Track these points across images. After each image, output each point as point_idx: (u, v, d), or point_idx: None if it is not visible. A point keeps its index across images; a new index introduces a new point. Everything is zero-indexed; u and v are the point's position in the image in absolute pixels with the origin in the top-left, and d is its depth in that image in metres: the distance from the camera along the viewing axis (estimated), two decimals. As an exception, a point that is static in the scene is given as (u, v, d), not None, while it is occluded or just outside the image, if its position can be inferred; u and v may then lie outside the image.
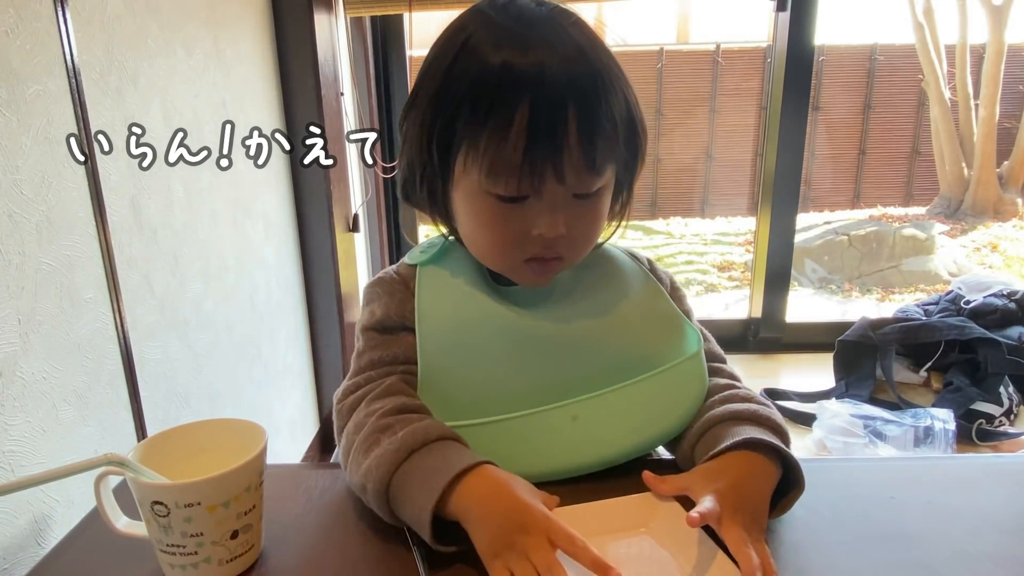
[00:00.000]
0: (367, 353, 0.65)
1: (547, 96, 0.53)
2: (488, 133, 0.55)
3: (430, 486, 0.52)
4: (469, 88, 0.55)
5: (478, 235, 0.62)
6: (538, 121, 0.53)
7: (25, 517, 0.83)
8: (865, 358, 2.09)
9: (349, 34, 2.01)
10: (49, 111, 0.89)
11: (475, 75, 0.55)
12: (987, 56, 5.85)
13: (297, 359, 1.84)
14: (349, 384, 0.64)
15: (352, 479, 0.59)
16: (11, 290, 0.81)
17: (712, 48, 6.55)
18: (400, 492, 0.54)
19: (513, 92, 0.53)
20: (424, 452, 0.55)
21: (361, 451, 0.57)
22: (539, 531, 0.49)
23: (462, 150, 0.57)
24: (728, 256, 5.63)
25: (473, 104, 0.55)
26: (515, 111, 0.53)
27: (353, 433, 0.60)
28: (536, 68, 0.53)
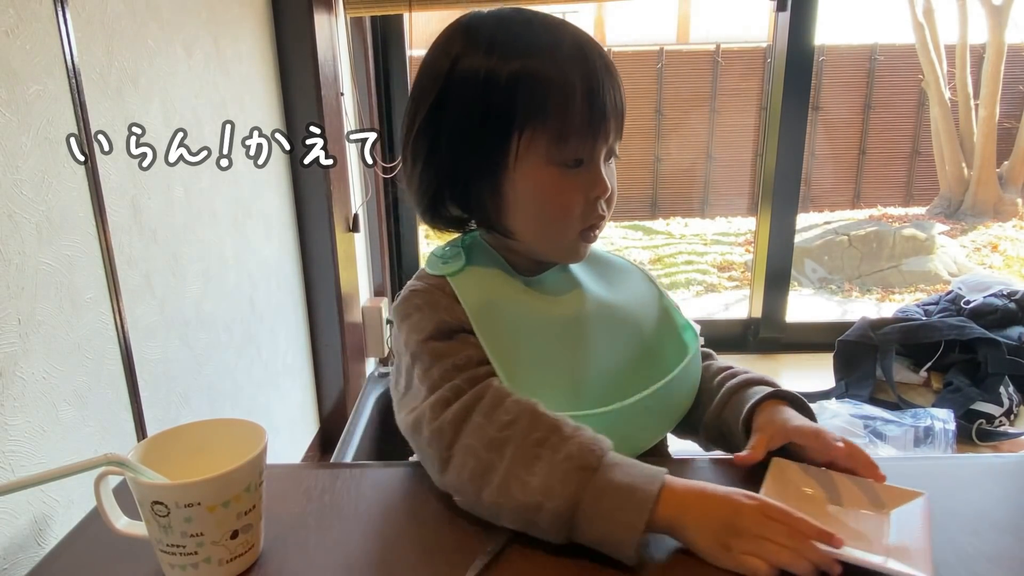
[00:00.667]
0: (437, 364, 0.62)
1: (592, 65, 0.61)
2: (553, 105, 0.60)
3: (634, 503, 0.52)
4: (522, 71, 0.60)
5: (544, 211, 0.65)
6: (592, 87, 0.61)
7: (25, 517, 0.83)
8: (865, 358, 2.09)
9: (349, 34, 2.01)
10: (49, 111, 0.89)
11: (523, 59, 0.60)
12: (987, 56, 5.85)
13: (297, 359, 1.84)
14: (436, 399, 0.60)
15: (504, 500, 0.55)
16: (11, 290, 0.81)
17: (712, 48, 6.55)
18: (593, 510, 0.52)
19: (568, 64, 0.60)
20: (605, 468, 0.54)
21: (522, 468, 0.54)
22: (755, 513, 0.52)
23: (525, 130, 0.61)
24: (728, 256, 5.63)
25: (532, 81, 0.60)
26: (575, 81, 0.60)
27: (487, 451, 0.56)
28: (576, 42, 0.62)
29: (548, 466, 0.54)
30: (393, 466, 0.71)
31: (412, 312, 0.65)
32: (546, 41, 0.61)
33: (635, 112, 6.64)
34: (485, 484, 0.55)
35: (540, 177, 0.63)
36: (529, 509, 0.54)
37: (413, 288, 0.67)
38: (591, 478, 0.53)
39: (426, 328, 0.63)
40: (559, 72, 0.60)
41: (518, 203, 0.64)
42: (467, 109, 0.62)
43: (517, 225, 0.66)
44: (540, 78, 0.60)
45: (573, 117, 0.61)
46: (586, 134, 0.62)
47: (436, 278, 0.67)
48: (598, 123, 0.62)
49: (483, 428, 0.57)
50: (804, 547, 0.50)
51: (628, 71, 6.59)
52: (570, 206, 0.64)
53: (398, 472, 0.69)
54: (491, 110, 0.61)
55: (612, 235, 6.41)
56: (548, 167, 0.63)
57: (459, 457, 0.57)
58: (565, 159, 0.62)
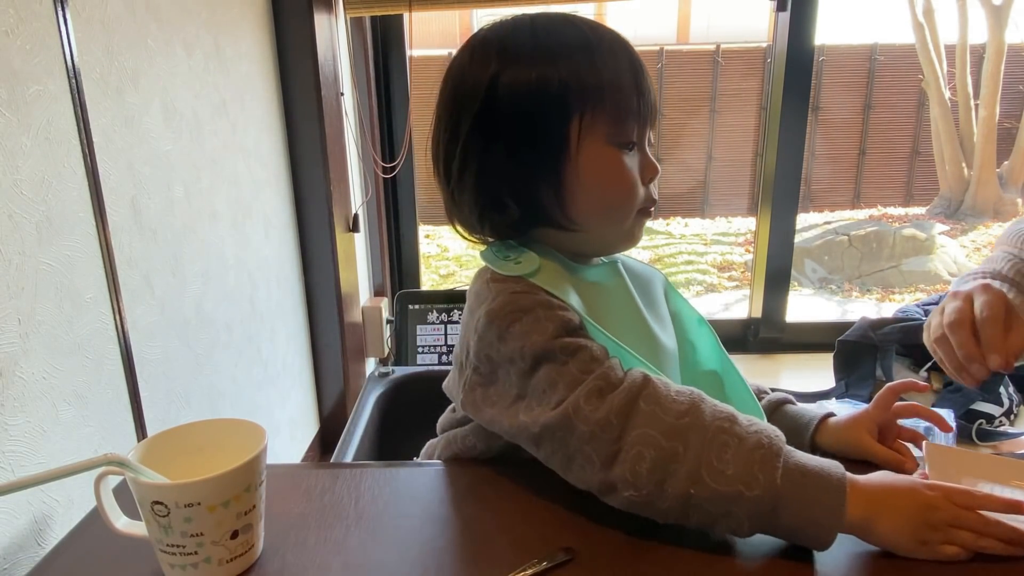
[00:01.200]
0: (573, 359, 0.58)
1: (633, 55, 0.66)
2: (608, 90, 0.63)
3: (832, 489, 0.52)
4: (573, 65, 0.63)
5: (609, 192, 0.67)
6: (640, 76, 0.65)
7: (25, 517, 0.83)
8: (865, 358, 2.09)
9: (349, 34, 2.01)
10: (49, 111, 0.89)
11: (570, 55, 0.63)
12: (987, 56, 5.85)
13: (297, 359, 1.84)
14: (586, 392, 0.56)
15: (698, 489, 0.52)
16: (11, 290, 0.81)
17: (712, 48, 6.55)
18: (796, 497, 0.52)
19: (616, 52, 0.65)
20: (789, 455, 0.54)
21: (714, 456, 0.53)
22: (944, 503, 0.53)
23: (583, 115, 0.63)
24: (728, 256, 5.64)
25: (588, 68, 0.63)
26: (624, 67, 0.64)
27: (668, 439, 0.53)
28: (612, 35, 0.66)
29: (739, 454, 0.52)
30: (393, 466, 0.71)
31: (521, 315, 0.61)
32: (590, 37, 0.65)
33: (635, 112, 6.63)
34: (669, 475, 0.53)
35: (603, 158, 0.65)
36: (727, 499, 0.52)
37: (514, 291, 0.62)
38: (784, 465, 0.53)
39: (547, 328, 0.60)
40: (609, 61, 0.64)
41: (583, 189, 0.66)
42: (521, 113, 0.64)
43: (582, 213, 0.66)
44: (593, 71, 0.63)
45: (627, 101, 0.64)
46: (639, 118, 0.66)
47: (520, 280, 0.63)
48: (647, 107, 0.66)
49: (657, 416, 0.54)
50: (993, 529, 0.53)
51: (628, 71, 6.58)
52: (634, 185, 0.67)
53: (398, 472, 0.69)
54: (547, 109, 0.63)
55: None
56: (608, 148, 0.65)
57: (634, 448, 0.54)
58: (622, 140, 0.65)
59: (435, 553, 0.56)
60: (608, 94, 0.64)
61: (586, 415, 0.55)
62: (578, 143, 0.64)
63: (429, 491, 0.64)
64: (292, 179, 1.81)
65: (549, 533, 0.57)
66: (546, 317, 0.60)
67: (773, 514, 0.52)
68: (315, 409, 1.99)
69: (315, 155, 1.80)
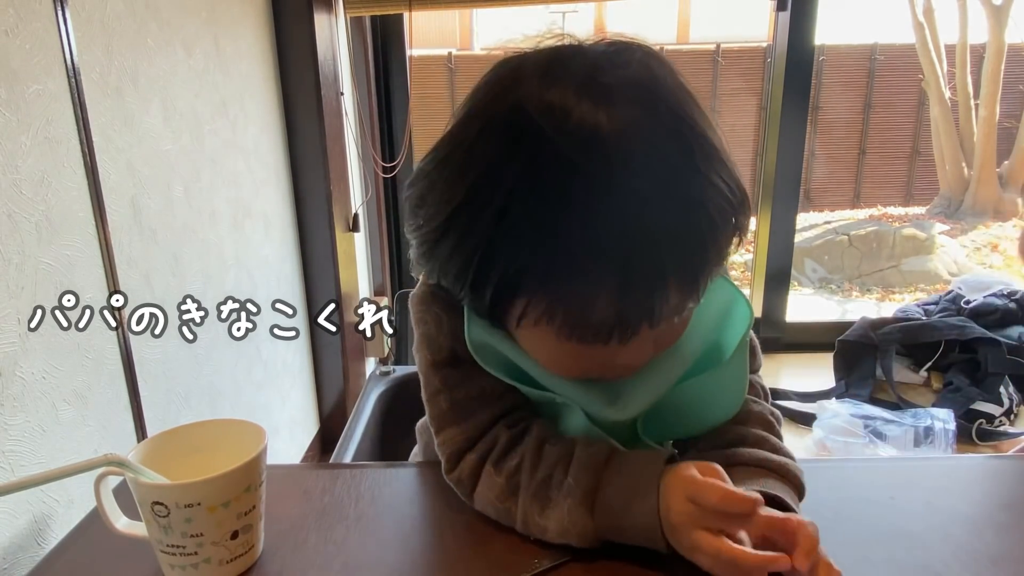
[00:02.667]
0: (447, 393, 0.59)
1: (641, 254, 0.44)
2: (566, 295, 0.46)
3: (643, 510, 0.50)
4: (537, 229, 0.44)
5: (551, 367, 0.55)
6: (633, 281, 0.45)
7: (25, 517, 0.83)
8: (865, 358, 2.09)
9: (349, 34, 2.01)
10: (49, 111, 0.89)
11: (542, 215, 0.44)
12: (987, 56, 5.85)
13: (297, 359, 1.84)
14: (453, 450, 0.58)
15: (534, 536, 0.56)
16: (11, 290, 0.81)
17: (712, 48, 6.55)
18: (612, 530, 0.52)
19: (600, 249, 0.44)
20: (607, 489, 0.52)
21: (536, 513, 0.54)
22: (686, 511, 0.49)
23: (535, 297, 0.47)
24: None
25: (548, 257, 0.45)
26: (604, 274, 0.44)
27: (501, 501, 0.56)
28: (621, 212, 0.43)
29: (554, 511, 0.54)
30: (393, 466, 0.71)
31: (429, 320, 0.59)
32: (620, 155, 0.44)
33: (635, 112, 6.63)
34: (513, 524, 0.57)
35: (543, 342, 0.51)
36: (558, 543, 0.55)
37: (426, 304, 0.59)
38: (595, 504, 0.52)
39: (440, 353, 0.58)
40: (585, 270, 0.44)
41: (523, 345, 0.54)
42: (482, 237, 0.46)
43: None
44: (559, 256, 0.45)
45: (589, 315, 0.46)
46: (613, 330, 0.47)
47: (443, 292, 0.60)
48: (634, 321, 0.46)
49: (492, 478, 0.57)
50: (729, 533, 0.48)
51: (628, 71, 6.58)
52: (579, 373, 0.54)
53: (398, 472, 0.69)
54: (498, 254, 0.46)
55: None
56: (554, 337, 0.48)
57: (480, 503, 0.59)
58: (577, 339, 0.48)
59: (435, 553, 0.56)
60: (567, 303, 0.46)
61: (446, 472, 0.60)
62: (521, 317, 0.49)
63: (429, 492, 0.64)
64: (292, 179, 1.81)
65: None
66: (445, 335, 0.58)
67: (605, 542, 0.53)
68: (315, 409, 1.99)
69: (315, 155, 1.80)
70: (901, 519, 0.60)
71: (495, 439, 0.58)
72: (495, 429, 0.59)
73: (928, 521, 0.59)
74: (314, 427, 1.98)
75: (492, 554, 0.56)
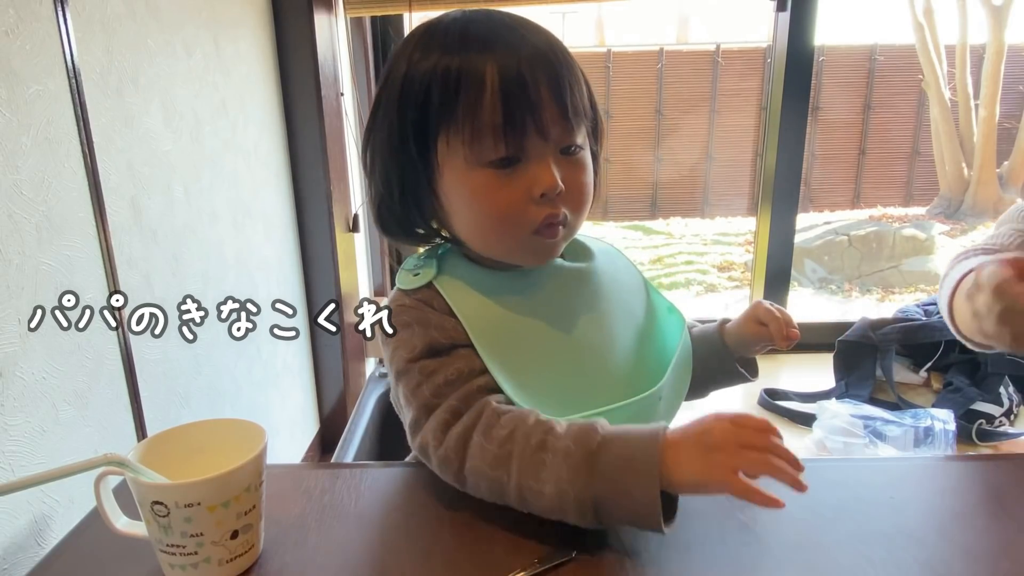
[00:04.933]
0: (428, 382, 0.60)
1: (512, 57, 0.57)
2: (463, 104, 0.57)
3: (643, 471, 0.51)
4: (434, 71, 0.58)
5: (479, 217, 0.61)
6: (509, 79, 0.57)
7: (25, 517, 0.83)
8: (865, 358, 2.09)
9: (349, 34, 2.01)
10: (49, 111, 0.89)
11: (438, 60, 0.58)
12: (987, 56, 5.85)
13: (297, 359, 1.84)
14: (435, 423, 0.59)
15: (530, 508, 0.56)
16: (11, 290, 0.81)
17: (712, 48, 6.56)
18: (610, 498, 0.52)
19: (479, 60, 0.57)
20: (605, 448, 0.53)
21: (532, 478, 0.54)
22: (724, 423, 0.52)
23: (441, 134, 0.59)
24: (728, 256, 5.64)
25: (443, 83, 0.57)
26: (484, 76, 0.56)
27: (494, 470, 0.56)
28: (494, 37, 0.58)
29: (553, 471, 0.53)
30: (393, 466, 0.71)
31: (401, 329, 0.63)
32: (478, 37, 0.58)
33: (635, 112, 6.64)
34: (505, 497, 0.56)
35: (468, 181, 0.60)
36: (553, 512, 0.54)
37: (400, 304, 0.64)
38: (596, 468, 0.52)
39: (416, 346, 0.61)
40: (473, 67, 0.57)
41: (455, 213, 0.62)
42: (394, 114, 0.61)
43: (464, 234, 0.64)
44: (450, 74, 0.57)
45: (483, 113, 0.57)
46: (506, 131, 0.57)
47: (419, 291, 0.64)
48: (521, 118, 0.57)
49: (484, 448, 0.56)
50: (778, 449, 0.51)
51: (628, 71, 6.59)
52: (505, 207, 0.60)
53: (398, 472, 0.69)
54: (410, 115, 0.59)
55: (612, 235, 6.41)
56: (475, 170, 0.59)
57: (471, 480, 0.57)
58: (487, 159, 0.58)
59: (435, 553, 0.56)
60: (461, 106, 0.57)
61: (433, 450, 0.59)
62: (439, 165, 0.60)
63: (429, 491, 0.64)
64: (292, 179, 1.81)
65: (548, 533, 0.57)
66: (418, 335, 0.62)
67: (599, 514, 0.53)
68: (315, 409, 1.99)
69: (315, 155, 1.80)
70: (901, 519, 0.60)
71: (480, 411, 0.58)
72: (479, 403, 0.59)
73: (928, 521, 0.59)
74: (314, 427, 1.98)
75: (492, 554, 0.56)
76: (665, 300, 0.77)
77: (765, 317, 0.73)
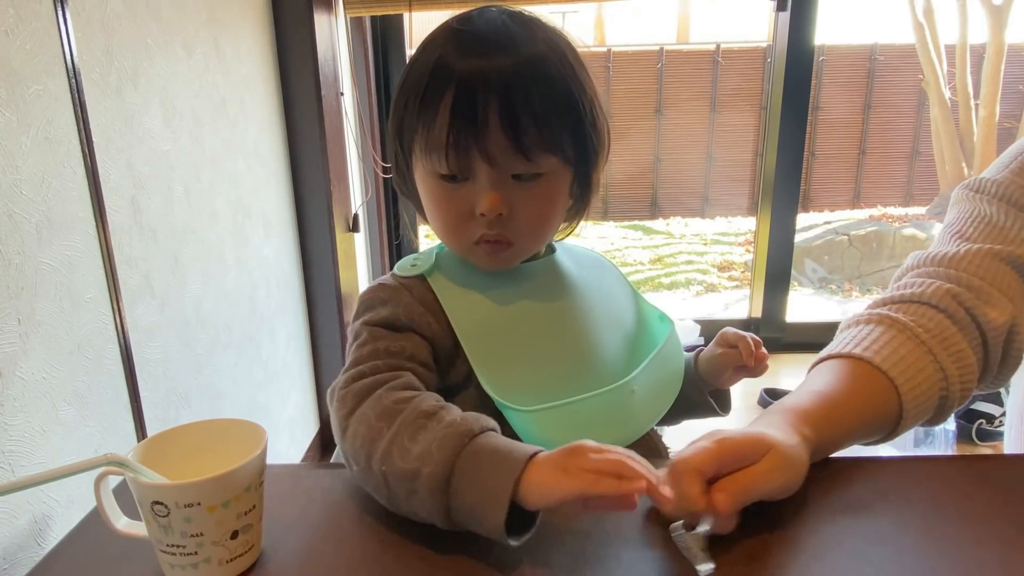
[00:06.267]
0: (371, 343, 0.63)
1: (469, 81, 0.58)
2: (422, 117, 0.60)
3: (505, 468, 0.51)
4: (417, 79, 0.61)
5: (433, 220, 0.66)
6: (460, 104, 0.58)
7: (25, 517, 0.83)
8: (865, 358, 2.09)
9: (349, 34, 2.01)
10: (49, 111, 0.89)
11: (420, 68, 0.61)
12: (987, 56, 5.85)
13: (297, 359, 1.84)
14: (354, 372, 0.62)
15: (388, 467, 0.55)
16: (11, 290, 0.81)
17: (712, 48, 6.55)
18: (468, 473, 0.52)
19: (442, 79, 0.59)
20: (488, 435, 0.54)
21: (407, 436, 0.55)
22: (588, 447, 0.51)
23: (415, 136, 0.62)
24: (728, 256, 5.64)
25: (417, 92, 0.60)
26: (442, 95, 0.58)
27: (378, 419, 0.57)
28: (464, 57, 0.59)
29: (430, 434, 0.54)
30: (393, 466, 0.71)
31: (376, 303, 0.66)
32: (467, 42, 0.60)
33: (635, 112, 6.64)
34: (373, 451, 0.56)
35: (426, 185, 0.64)
36: (408, 476, 0.53)
37: (383, 282, 0.68)
38: (468, 444, 0.53)
39: (380, 314, 0.65)
40: (432, 84, 0.59)
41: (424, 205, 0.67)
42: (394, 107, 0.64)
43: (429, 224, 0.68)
44: (419, 89, 0.60)
45: (435, 130, 0.59)
46: (448, 152, 0.59)
47: (406, 279, 0.68)
48: (466, 140, 0.58)
49: (380, 400, 0.58)
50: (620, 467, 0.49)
51: (628, 71, 6.59)
52: (451, 217, 0.63)
53: (398, 472, 0.69)
54: (399, 110, 0.63)
55: (612, 235, 6.41)
56: (429, 177, 0.63)
57: (353, 426, 0.58)
58: (437, 171, 0.61)
59: (435, 553, 0.56)
60: (420, 117, 0.60)
61: (338, 389, 0.61)
62: (415, 161, 0.63)
63: (429, 491, 0.64)
64: (292, 179, 1.81)
65: (549, 534, 0.57)
66: (383, 307, 0.65)
67: (448, 491, 0.52)
68: (315, 409, 1.99)
69: (315, 155, 1.80)
70: (901, 519, 0.60)
71: (399, 375, 0.60)
72: (406, 374, 0.61)
73: (928, 521, 0.59)
74: (314, 427, 1.98)
75: (492, 554, 0.56)
76: (656, 309, 0.79)
77: (734, 339, 0.74)
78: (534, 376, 0.65)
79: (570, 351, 0.68)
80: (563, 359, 0.67)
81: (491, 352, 0.65)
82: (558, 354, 0.67)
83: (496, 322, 0.67)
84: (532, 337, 0.67)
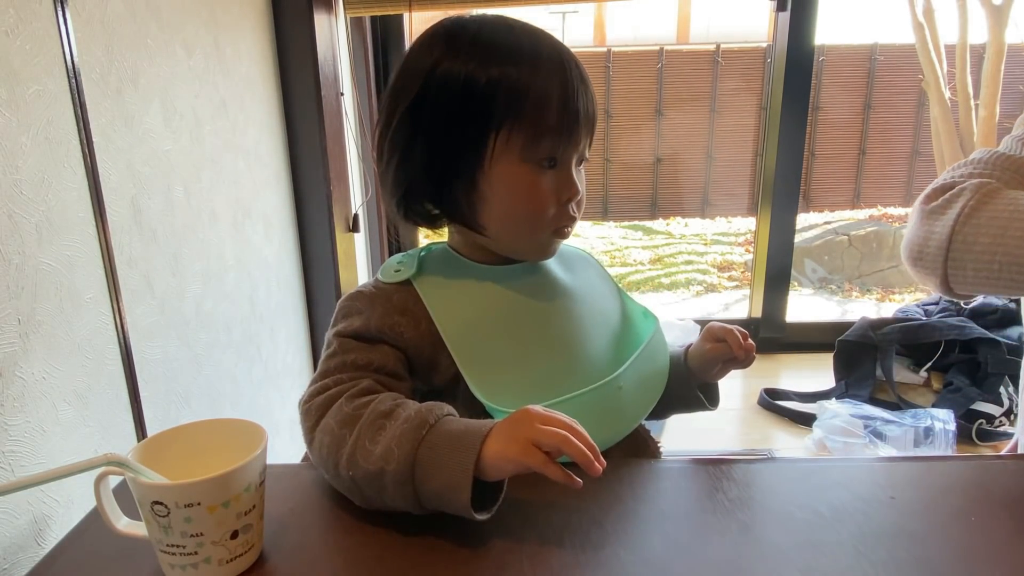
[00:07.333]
0: (340, 356, 0.65)
1: (568, 73, 0.64)
2: (529, 106, 0.62)
3: (464, 444, 0.54)
4: (501, 76, 0.62)
5: (517, 208, 0.67)
6: (568, 93, 0.63)
7: (25, 517, 0.83)
8: (865, 358, 2.09)
9: (349, 34, 2.01)
10: (49, 111, 0.89)
11: (503, 64, 0.63)
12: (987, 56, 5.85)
13: (297, 359, 1.84)
14: (319, 385, 0.64)
15: (355, 471, 0.57)
16: (11, 290, 0.81)
17: (712, 48, 6.55)
18: (429, 463, 0.54)
19: (546, 70, 0.63)
20: (443, 422, 0.57)
21: (367, 439, 0.57)
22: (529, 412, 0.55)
23: (501, 129, 0.63)
24: (728, 256, 5.64)
25: (510, 84, 0.62)
26: (552, 85, 0.63)
27: (340, 427, 0.59)
28: (554, 51, 0.64)
29: (389, 433, 0.56)
30: (393, 466, 0.71)
31: (351, 312, 0.68)
32: (526, 47, 0.64)
33: (635, 112, 6.64)
34: (340, 459, 0.58)
35: (515, 174, 0.65)
36: (375, 477, 0.56)
37: (360, 290, 0.69)
38: (426, 435, 0.55)
39: (352, 326, 0.66)
40: (537, 77, 0.63)
41: (493, 200, 0.66)
42: (446, 109, 0.64)
43: (492, 222, 0.68)
44: (519, 82, 0.62)
45: (548, 119, 0.63)
46: (559, 136, 0.64)
47: (388, 285, 0.69)
48: (571, 127, 0.64)
49: (342, 408, 0.60)
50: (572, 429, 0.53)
51: (628, 71, 6.59)
52: (543, 205, 0.66)
53: (398, 472, 0.69)
54: (469, 111, 0.63)
55: (612, 235, 6.41)
56: (522, 164, 0.64)
57: (318, 437, 0.60)
58: (539, 157, 0.64)
59: (435, 553, 0.56)
60: (528, 109, 0.63)
61: (302, 404, 0.63)
62: (493, 154, 0.64)
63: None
64: (292, 179, 1.81)
65: (549, 534, 0.57)
66: (357, 318, 0.67)
67: (414, 483, 0.55)
68: (315, 409, 1.98)
69: (315, 155, 1.80)
70: (901, 519, 0.60)
71: (358, 382, 0.62)
72: (365, 380, 0.63)
73: (928, 521, 0.60)
74: (314, 427, 1.97)
75: (492, 554, 0.56)
76: (640, 306, 0.81)
77: (721, 333, 0.76)
78: (522, 376, 0.66)
79: (557, 350, 0.69)
80: (550, 358, 0.68)
81: (478, 354, 0.66)
82: (545, 353, 0.68)
83: (483, 323, 0.68)
84: (519, 337, 0.68)
